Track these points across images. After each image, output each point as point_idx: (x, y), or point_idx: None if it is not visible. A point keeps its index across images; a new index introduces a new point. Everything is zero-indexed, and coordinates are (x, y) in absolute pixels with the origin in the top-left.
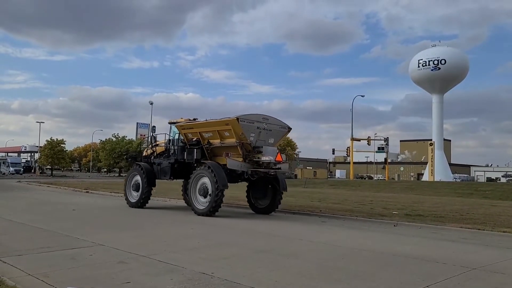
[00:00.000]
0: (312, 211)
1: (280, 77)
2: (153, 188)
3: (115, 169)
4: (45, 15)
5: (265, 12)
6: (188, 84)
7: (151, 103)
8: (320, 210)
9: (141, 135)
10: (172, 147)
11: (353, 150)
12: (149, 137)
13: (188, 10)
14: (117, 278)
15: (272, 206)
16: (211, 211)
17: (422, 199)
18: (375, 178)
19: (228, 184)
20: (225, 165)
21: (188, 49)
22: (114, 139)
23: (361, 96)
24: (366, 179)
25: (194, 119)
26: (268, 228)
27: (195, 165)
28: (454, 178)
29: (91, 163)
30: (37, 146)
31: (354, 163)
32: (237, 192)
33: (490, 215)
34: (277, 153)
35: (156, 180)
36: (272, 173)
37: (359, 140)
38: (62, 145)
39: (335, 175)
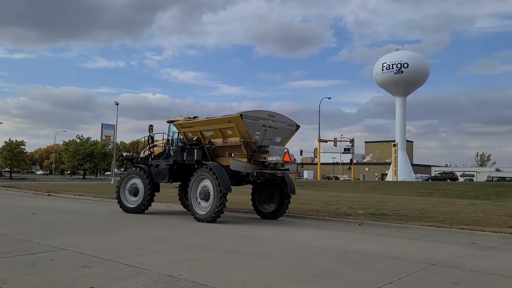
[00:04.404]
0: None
1: (249, 79)
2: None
3: (79, 171)
4: (6, 11)
5: (235, 13)
6: (155, 84)
7: (117, 104)
8: (288, 211)
9: (106, 136)
10: (171, 148)
11: (321, 151)
12: (147, 137)
13: (157, 10)
14: (80, 283)
15: (279, 210)
16: (213, 216)
17: (386, 198)
18: (341, 179)
19: (232, 187)
20: (228, 166)
21: (155, 49)
22: (78, 140)
23: (328, 98)
24: (333, 179)
25: (195, 117)
26: (237, 230)
27: (196, 166)
28: (416, 178)
29: (53, 165)
30: None
31: (322, 164)
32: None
33: (448, 213)
34: (285, 152)
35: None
36: (279, 175)
37: (326, 141)
38: (22, 146)
39: (303, 176)
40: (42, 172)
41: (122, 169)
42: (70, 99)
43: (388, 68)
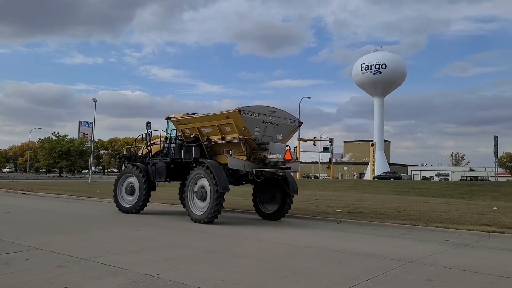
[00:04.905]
0: None
1: (230, 77)
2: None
3: (55, 169)
4: None
5: (216, 11)
6: (134, 82)
7: (95, 101)
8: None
9: (83, 133)
10: (169, 145)
11: (300, 150)
12: (145, 135)
13: (137, 6)
14: (56, 283)
15: (281, 211)
16: (210, 217)
17: (363, 197)
18: (320, 178)
19: (231, 186)
20: (226, 164)
21: (134, 46)
22: (54, 137)
23: (308, 98)
24: (312, 178)
25: (193, 114)
26: (216, 228)
27: (194, 165)
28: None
29: (28, 163)
30: None
31: (301, 163)
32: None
33: (424, 212)
34: (286, 150)
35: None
36: (280, 173)
37: (305, 140)
38: None
39: None
40: (7, 169)
41: (100, 167)
42: (46, 95)
43: (366, 68)
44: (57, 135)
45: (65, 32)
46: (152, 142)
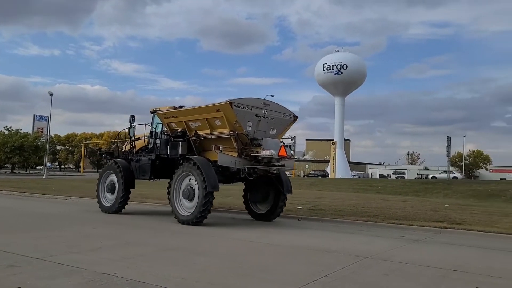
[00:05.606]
0: (223, 208)
1: (193, 74)
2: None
3: (7, 165)
4: None
5: (180, 6)
6: (94, 76)
7: (51, 94)
8: (230, 207)
9: (38, 128)
10: (154, 141)
11: None
12: (128, 129)
13: None
14: (6, 283)
15: (274, 211)
16: (198, 218)
17: (324, 194)
18: None
19: (220, 185)
20: (216, 161)
21: (94, 39)
22: (6, 132)
23: (271, 95)
24: None
25: (181, 107)
26: (178, 226)
27: (181, 161)
28: (353, 175)
29: None
30: None
31: None
32: (145, 189)
33: (381, 209)
34: (281, 146)
35: (135, 180)
36: (274, 171)
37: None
38: None
39: None
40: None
41: (56, 164)
42: None
43: (328, 68)
44: (9, 129)
45: (19, 22)
46: (136, 137)
